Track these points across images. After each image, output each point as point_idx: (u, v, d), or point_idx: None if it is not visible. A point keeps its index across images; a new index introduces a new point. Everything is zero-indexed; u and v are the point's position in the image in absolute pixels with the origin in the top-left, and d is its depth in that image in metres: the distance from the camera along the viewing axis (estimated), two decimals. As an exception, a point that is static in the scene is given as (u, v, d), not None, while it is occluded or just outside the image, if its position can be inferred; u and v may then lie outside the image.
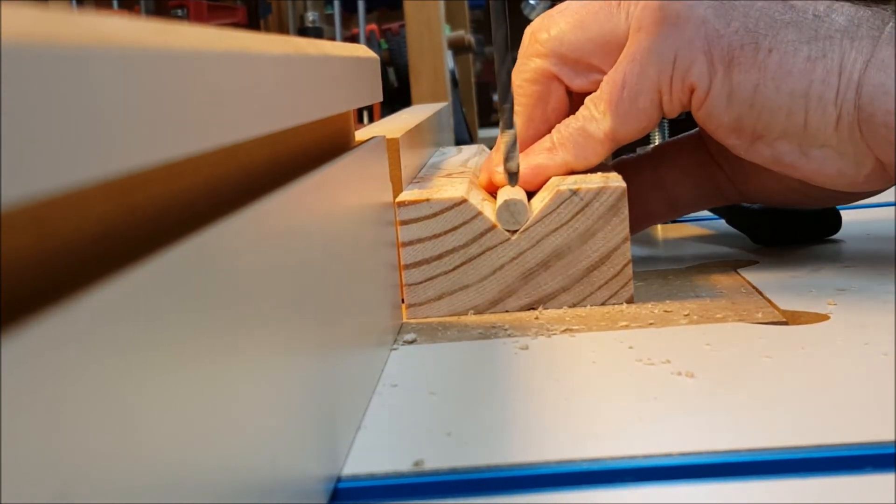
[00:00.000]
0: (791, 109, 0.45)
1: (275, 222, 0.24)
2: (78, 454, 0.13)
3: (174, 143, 0.17)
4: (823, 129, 0.45)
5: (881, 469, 0.26)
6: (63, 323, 0.13)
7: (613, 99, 0.47)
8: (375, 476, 0.28)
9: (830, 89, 0.44)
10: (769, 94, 0.45)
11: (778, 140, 0.46)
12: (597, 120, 0.48)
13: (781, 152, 0.46)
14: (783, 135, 0.46)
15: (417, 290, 0.46)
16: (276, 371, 0.23)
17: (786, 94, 0.45)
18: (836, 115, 0.44)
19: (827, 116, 0.44)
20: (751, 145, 0.47)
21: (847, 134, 0.44)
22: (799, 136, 0.45)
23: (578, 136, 0.48)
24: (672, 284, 0.49)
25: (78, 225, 0.16)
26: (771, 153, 0.46)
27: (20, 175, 0.12)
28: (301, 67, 0.28)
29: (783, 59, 0.45)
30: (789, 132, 0.45)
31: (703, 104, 0.46)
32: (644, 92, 0.47)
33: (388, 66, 1.46)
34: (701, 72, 0.45)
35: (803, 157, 0.46)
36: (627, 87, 0.47)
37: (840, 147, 0.45)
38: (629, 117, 0.47)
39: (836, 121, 0.44)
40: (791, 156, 0.46)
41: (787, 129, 0.45)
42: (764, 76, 0.45)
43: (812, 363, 0.35)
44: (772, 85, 0.45)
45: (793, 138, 0.45)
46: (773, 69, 0.45)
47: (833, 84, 0.44)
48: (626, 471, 0.27)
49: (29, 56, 0.12)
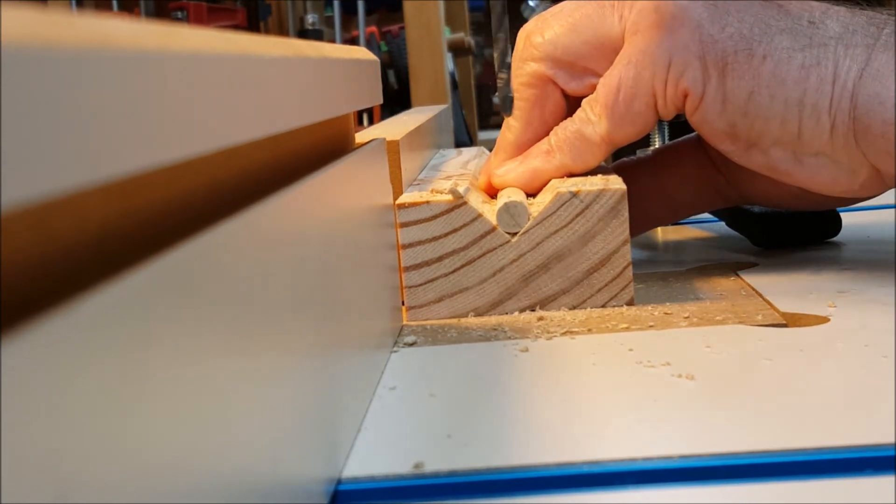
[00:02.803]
0: (785, 118, 0.45)
1: (275, 225, 0.24)
2: (77, 455, 0.13)
3: (174, 146, 0.17)
4: (818, 138, 0.45)
5: (881, 471, 0.26)
6: (63, 325, 0.13)
7: (609, 102, 0.47)
8: (375, 478, 0.28)
9: (824, 98, 0.44)
10: (763, 102, 0.45)
11: (772, 147, 0.46)
12: (593, 123, 0.48)
13: (776, 159, 0.46)
14: (777, 142, 0.46)
15: (417, 293, 0.46)
16: (277, 373, 0.23)
17: (780, 102, 0.45)
18: (831, 123, 0.44)
19: (821, 125, 0.44)
20: (745, 152, 0.47)
21: (842, 142, 0.44)
22: (793, 144, 0.45)
23: (575, 140, 0.48)
24: (672, 287, 0.49)
25: (78, 227, 0.16)
26: (765, 160, 0.46)
27: (20, 177, 0.12)
28: (301, 70, 0.29)
29: (777, 67, 0.45)
30: (783, 140, 0.45)
31: (697, 109, 0.46)
32: (639, 95, 0.47)
33: (388, 69, 1.46)
34: (695, 77, 0.45)
35: (798, 164, 0.46)
36: (623, 91, 0.47)
37: (835, 155, 0.45)
38: (625, 120, 0.47)
39: (831, 129, 0.44)
40: (786, 163, 0.46)
41: (781, 137, 0.45)
42: (758, 84, 0.45)
43: (812, 365, 0.35)
44: (766, 93, 0.45)
45: (787, 146, 0.46)
46: (767, 77, 0.45)
47: (827, 93, 0.44)
48: (626, 473, 0.27)
49: (29, 58, 0.12)
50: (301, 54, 0.29)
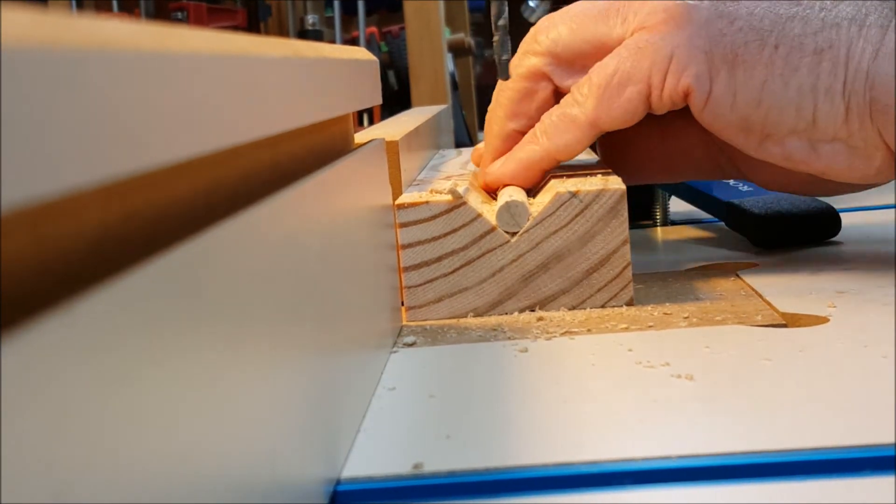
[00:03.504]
0: (800, 105, 0.45)
1: (274, 225, 0.24)
2: (76, 455, 0.13)
3: (173, 147, 0.17)
4: (833, 122, 0.45)
5: (881, 472, 0.26)
6: (63, 325, 0.13)
7: (602, 83, 0.47)
8: (375, 478, 0.28)
9: (838, 81, 0.44)
10: (777, 90, 0.45)
11: (788, 137, 0.46)
12: (579, 103, 0.48)
13: (792, 149, 0.46)
14: (793, 131, 0.45)
15: (417, 293, 0.46)
16: (276, 374, 0.23)
17: (794, 89, 0.45)
18: (846, 105, 0.44)
19: (835, 108, 0.44)
20: (760, 144, 0.46)
21: (857, 125, 0.44)
22: (808, 132, 0.45)
23: (559, 121, 0.48)
24: (672, 287, 0.49)
25: (77, 228, 0.16)
26: (781, 151, 0.46)
27: (18, 179, 0.12)
28: (300, 70, 0.29)
29: (790, 54, 0.45)
30: (799, 128, 0.45)
31: (705, 106, 0.46)
32: (634, 82, 0.46)
33: (387, 69, 1.46)
34: (700, 72, 0.45)
35: (814, 153, 0.46)
36: (618, 74, 0.47)
37: (850, 140, 0.45)
38: (613, 104, 0.47)
39: (846, 112, 0.44)
40: (802, 152, 0.46)
41: (796, 126, 0.45)
42: (771, 73, 0.45)
43: (811, 366, 0.35)
44: (780, 81, 0.45)
45: (802, 134, 0.45)
46: (780, 65, 0.45)
47: (840, 75, 0.44)
48: (625, 473, 0.27)
49: (28, 59, 0.12)
50: (300, 55, 0.29)
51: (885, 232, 0.59)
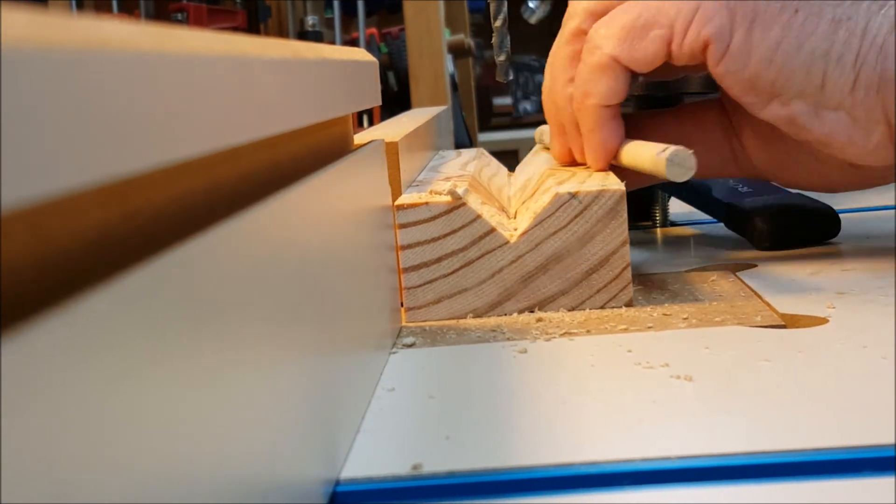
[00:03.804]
0: (810, 69, 0.46)
1: (273, 226, 0.24)
2: (77, 456, 0.13)
3: (172, 147, 0.17)
4: (840, 90, 0.45)
5: (880, 472, 0.26)
6: (63, 325, 0.13)
7: (626, 23, 0.48)
8: (374, 479, 0.28)
9: (851, 51, 0.45)
10: (790, 51, 0.46)
11: (794, 99, 0.47)
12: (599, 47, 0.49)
13: (796, 112, 0.47)
14: (800, 94, 0.46)
15: (416, 294, 0.46)
16: (275, 374, 0.23)
17: (807, 52, 0.46)
18: (854, 76, 0.45)
19: (845, 76, 0.45)
20: (766, 104, 0.47)
21: (863, 96, 0.45)
22: (815, 97, 0.46)
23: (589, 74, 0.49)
24: (671, 288, 0.49)
25: (77, 228, 0.16)
26: (786, 112, 0.47)
27: (18, 179, 0.12)
28: (300, 71, 0.29)
29: (808, 19, 0.46)
30: (806, 92, 0.46)
31: (721, 60, 0.47)
32: (659, 25, 0.48)
33: (387, 70, 1.46)
34: (721, 25, 0.46)
35: (816, 118, 0.47)
36: (644, 17, 0.48)
37: (854, 111, 0.46)
38: (635, 45, 0.48)
39: (854, 82, 0.45)
40: (805, 117, 0.47)
41: (804, 89, 0.46)
42: (787, 34, 0.46)
43: (811, 367, 0.35)
44: (794, 42, 0.46)
45: (808, 98, 0.46)
46: (797, 28, 0.46)
47: (854, 46, 0.45)
48: (624, 474, 0.27)
49: (28, 59, 0.12)
50: (300, 56, 0.29)
51: (885, 232, 0.59)
